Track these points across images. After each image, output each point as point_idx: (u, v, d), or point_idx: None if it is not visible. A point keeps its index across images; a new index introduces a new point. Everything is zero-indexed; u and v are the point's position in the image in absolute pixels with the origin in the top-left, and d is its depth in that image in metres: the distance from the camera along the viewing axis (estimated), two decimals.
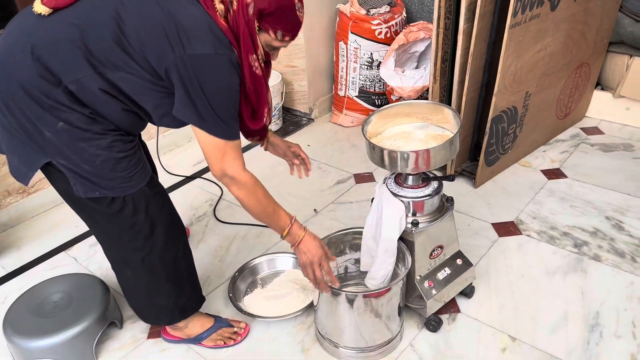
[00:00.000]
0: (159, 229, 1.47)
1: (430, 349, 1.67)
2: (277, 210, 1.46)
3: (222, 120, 1.27)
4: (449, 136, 1.55)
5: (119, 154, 1.32)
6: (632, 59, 2.74)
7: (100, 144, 1.29)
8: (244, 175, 1.36)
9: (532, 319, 1.75)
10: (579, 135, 2.89)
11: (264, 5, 1.22)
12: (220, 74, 1.23)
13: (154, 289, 1.58)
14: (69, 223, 2.44)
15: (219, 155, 1.32)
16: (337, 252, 1.81)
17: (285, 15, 1.27)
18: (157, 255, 1.50)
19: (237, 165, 1.34)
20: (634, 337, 1.66)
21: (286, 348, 1.71)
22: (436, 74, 2.38)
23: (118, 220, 1.42)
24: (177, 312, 1.65)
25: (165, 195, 1.52)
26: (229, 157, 1.33)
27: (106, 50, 1.20)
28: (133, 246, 1.48)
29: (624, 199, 2.32)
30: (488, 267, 1.99)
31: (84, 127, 1.26)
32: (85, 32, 1.19)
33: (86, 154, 1.28)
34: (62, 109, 1.23)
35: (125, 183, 1.36)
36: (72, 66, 1.20)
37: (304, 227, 1.50)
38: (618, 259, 1.98)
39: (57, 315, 1.68)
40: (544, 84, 2.48)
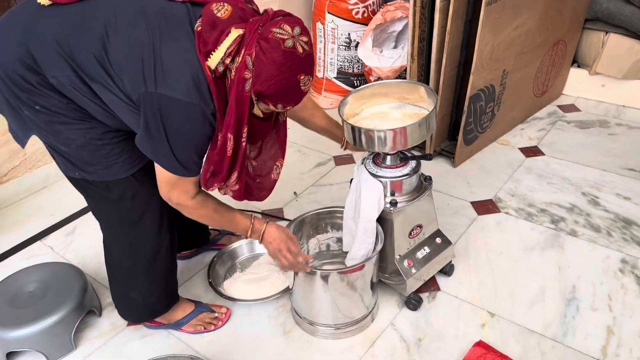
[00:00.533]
0: (147, 218, 1.45)
1: (410, 327, 1.69)
2: (233, 218, 1.43)
3: (179, 161, 1.22)
4: (425, 114, 1.54)
5: (98, 141, 1.29)
6: (607, 35, 2.76)
7: (78, 128, 1.26)
8: (190, 203, 1.33)
9: (511, 294, 1.78)
10: (556, 112, 2.92)
11: (262, 88, 1.13)
12: (187, 122, 1.17)
13: (130, 278, 1.56)
14: (44, 212, 2.40)
15: (168, 187, 1.29)
16: (318, 230, 1.82)
17: (287, 94, 1.17)
18: (142, 242, 1.49)
19: (185, 197, 1.31)
20: (610, 309, 1.70)
21: (267, 331, 1.71)
22: (414, 53, 2.37)
23: (107, 200, 1.41)
24: (145, 311, 1.64)
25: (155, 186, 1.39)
26: (177, 190, 1.29)
27: (88, 62, 1.16)
28: (121, 228, 1.47)
29: (599, 175, 2.35)
30: (467, 245, 2.00)
31: (62, 112, 1.24)
32: (73, 37, 1.16)
33: (62, 136, 1.27)
34: (40, 94, 1.21)
35: (104, 170, 1.34)
36: (53, 63, 1.17)
37: (265, 222, 1.48)
38: (594, 233, 2.01)
39: (34, 305, 1.65)
40: (521, 62, 2.48)
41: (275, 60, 1.09)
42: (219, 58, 1.11)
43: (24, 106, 1.23)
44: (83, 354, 1.69)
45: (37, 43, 1.17)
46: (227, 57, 1.11)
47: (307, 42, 1.13)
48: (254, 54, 1.09)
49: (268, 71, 1.10)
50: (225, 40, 1.10)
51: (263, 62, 1.09)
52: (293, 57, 1.10)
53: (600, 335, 1.61)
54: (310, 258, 1.54)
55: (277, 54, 1.09)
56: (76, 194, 2.42)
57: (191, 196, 1.32)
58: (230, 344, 1.68)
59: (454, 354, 1.59)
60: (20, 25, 1.19)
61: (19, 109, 1.24)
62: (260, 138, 1.37)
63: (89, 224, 2.30)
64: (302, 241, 1.81)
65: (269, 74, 1.10)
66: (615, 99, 2.94)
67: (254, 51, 1.09)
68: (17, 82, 1.19)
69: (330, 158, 2.65)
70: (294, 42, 1.10)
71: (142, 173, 1.40)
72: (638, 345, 1.57)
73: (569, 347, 1.58)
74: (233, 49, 1.10)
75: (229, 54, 1.11)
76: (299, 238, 1.78)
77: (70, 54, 1.16)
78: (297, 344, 1.66)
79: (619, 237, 1.99)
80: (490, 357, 1.53)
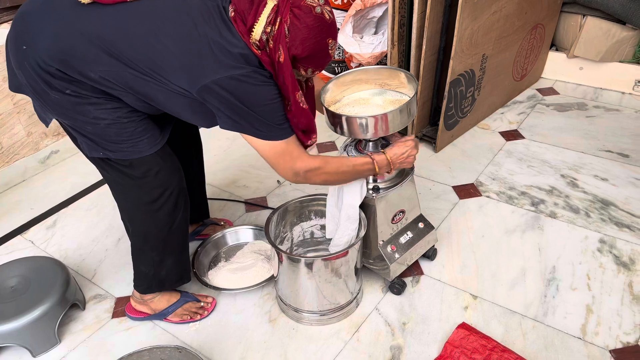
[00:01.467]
0: (165, 196, 1.48)
1: (395, 311, 1.71)
2: (353, 164, 1.48)
3: (276, 124, 1.30)
4: (406, 100, 1.54)
5: (125, 119, 1.33)
6: (585, 18, 2.79)
7: (106, 108, 1.30)
8: (314, 162, 1.39)
9: (493, 276, 1.81)
10: (535, 96, 2.95)
11: (297, 51, 1.22)
12: (256, 88, 1.24)
13: (139, 253, 1.60)
14: (24, 205, 2.36)
15: (287, 159, 1.35)
16: (302, 218, 1.82)
17: (318, 57, 1.27)
18: (155, 220, 1.51)
19: (304, 159, 1.37)
20: (588, 288, 1.74)
21: (253, 319, 1.72)
22: (394, 39, 2.37)
23: (127, 177, 1.43)
24: (154, 283, 1.65)
25: (177, 164, 1.51)
26: (294, 155, 1.36)
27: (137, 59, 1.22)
28: (138, 203, 1.49)
29: (578, 157, 2.39)
30: (449, 229, 2.03)
31: (91, 95, 1.28)
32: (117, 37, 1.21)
33: (91, 115, 1.30)
34: (73, 81, 1.25)
35: (130, 149, 1.37)
36: (96, 60, 1.22)
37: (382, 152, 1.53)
38: (573, 215, 2.05)
39: (16, 300, 1.63)
40: (500, 46, 2.49)
41: (308, 25, 1.20)
42: (262, 27, 1.20)
43: (53, 91, 1.26)
44: (68, 348, 1.68)
45: (78, 39, 1.20)
46: (268, 26, 1.20)
47: (330, 11, 1.25)
48: (289, 21, 1.19)
49: (303, 35, 1.20)
50: (264, 11, 1.20)
51: (297, 27, 1.19)
52: (323, 21, 1.21)
53: (580, 314, 1.65)
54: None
55: (310, 19, 1.19)
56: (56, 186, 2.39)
57: (308, 155, 1.39)
58: (217, 333, 1.68)
59: (438, 336, 1.61)
60: (57, 19, 1.22)
61: (45, 93, 1.27)
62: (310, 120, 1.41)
63: (70, 217, 2.28)
64: (286, 229, 1.81)
65: (303, 37, 1.20)
66: (592, 81, 2.98)
67: (288, 18, 1.19)
68: (50, 71, 1.23)
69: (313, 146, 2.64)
70: (322, 9, 1.21)
71: (164, 150, 1.45)
72: (617, 323, 1.61)
73: (549, 327, 1.61)
74: (272, 17, 1.19)
75: (269, 23, 1.19)
76: (282, 226, 1.78)
77: (115, 54, 1.21)
78: (283, 331, 1.67)
79: (597, 217, 2.03)
80: (473, 339, 1.56)
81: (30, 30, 1.23)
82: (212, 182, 2.40)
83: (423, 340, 1.60)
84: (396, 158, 1.53)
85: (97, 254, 2.05)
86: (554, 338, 1.58)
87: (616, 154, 2.40)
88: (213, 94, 1.22)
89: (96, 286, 1.90)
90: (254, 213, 2.21)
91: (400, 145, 1.54)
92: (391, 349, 1.58)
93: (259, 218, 2.17)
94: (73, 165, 2.64)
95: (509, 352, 1.51)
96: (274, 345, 1.63)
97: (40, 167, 2.62)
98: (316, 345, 1.61)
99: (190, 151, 1.82)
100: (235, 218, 2.18)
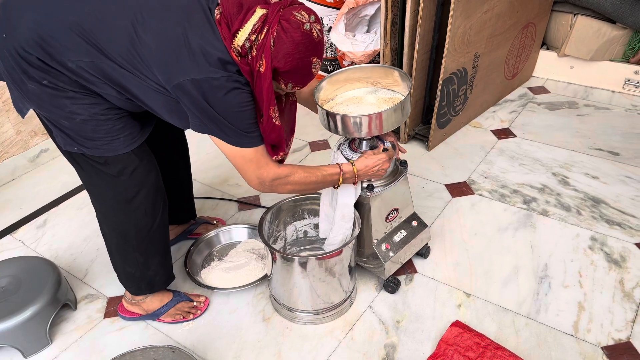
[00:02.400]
0: (141, 195, 1.45)
1: (389, 309, 1.71)
2: (323, 174, 1.47)
3: (243, 130, 1.28)
4: (399, 99, 1.54)
5: (102, 116, 1.31)
6: (575, 17, 2.80)
7: (83, 103, 1.28)
8: (281, 171, 1.38)
9: (486, 274, 1.81)
10: (527, 94, 2.96)
11: (280, 64, 1.20)
12: (227, 94, 1.22)
13: (123, 253, 1.58)
14: (13, 205, 2.34)
15: (254, 167, 1.34)
16: (295, 217, 1.82)
17: (300, 74, 1.25)
18: (135, 220, 1.49)
19: (274, 169, 1.37)
20: (580, 286, 1.75)
21: (247, 318, 1.71)
22: (387, 37, 2.36)
23: (103, 176, 1.41)
24: (144, 285, 1.64)
25: (153, 163, 1.48)
26: (262, 165, 1.34)
27: (114, 54, 1.20)
28: (114, 205, 1.47)
29: (569, 155, 2.41)
30: (442, 227, 2.03)
31: (69, 87, 1.25)
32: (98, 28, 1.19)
33: (67, 110, 1.28)
34: (50, 71, 1.22)
35: (105, 146, 1.35)
36: (75, 48, 1.19)
37: (350, 163, 1.51)
38: (564, 212, 2.07)
39: (7, 300, 1.61)
40: (492, 45, 2.50)
41: (294, 39, 1.18)
42: (246, 34, 1.17)
43: (30, 80, 1.23)
44: (59, 348, 1.66)
45: (58, 27, 1.18)
46: (253, 34, 1.18)
47: (320, 30, 1.23)
48: (276, 32, 1.17)
49: (287, 48, 1.18)
50: (252, 18, 1.18)
51: (284, 40, 1.18)
52: (310, 39, 1.20)
53: (572, 311, 1.66)
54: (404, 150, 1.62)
55: (297, 34, 1.18)
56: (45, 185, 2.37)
57: (276, 166, 1.37)
58: (210, 333, 1.67)
59: (431, 334, 1.62)
60: (38, 7, 1.20)
61: (22, 82, 1.25)
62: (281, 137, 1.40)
63: (60, 216, 2.25)
64: (280, 228, 1.80)
65: (287, 51, 1.18)
66: (583, 80, 3.00)
67: (275, 29, 1.17)
68: (28, 59, 1.20)
69: (306, 144, 2.64)
70: (311, 27, 1.20)
71: (141, 150, 1.42)
72: (608, 320, 1.62)
73: (542, 324, 1.62)
74: (258, 26, 1.17)
75: (255, 31, 1.17)
76: (276, 225, 1.78)
77: (95, 43, 1.19)
78: (277, 330, 1.67)
79: (588, 215, 2.04)
80: (467, 336, 1.57)
81: (10, 18, 1.21)
82: (204, 181, 2.39)
83: (417, 339, 1.61)
84: (365, 170, 1.51)
85: (88, 253, 2.03)
86: (547, 335, 1.59)
87: (606, 152, 2.41)
88: (186, 93, 1.20)
89: (88, 286, 1.89)
90: (246, 212, 2.20)
91: (372, 158, 1.52)
92: (385, 347, 1.59)
93: (252, 217, 2.17)
94: (63, 164, 2.60)
95: (503, 350, 1.52)
96: (268, 345, 1.62)
97: (29, 166, 2.59)
98: (310, 344, 1.61)
99: (176, 151, 1.80)
100: (227, 217, 2.17)
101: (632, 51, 2.81)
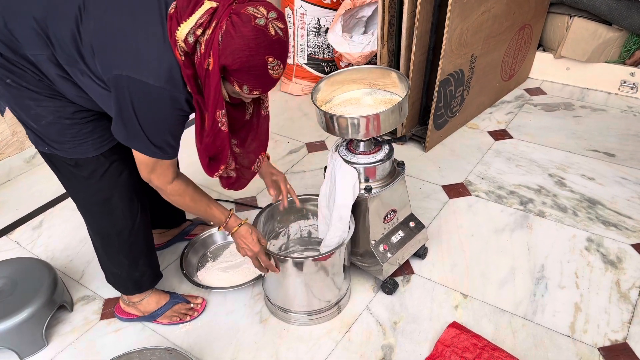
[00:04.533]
0: (115, 197, 1.44)
1: (386, 310, 1.71)
2: (210, 209, 1.44)
3: (154, 143, 1.22)
4: (397, 100, 1.55)
5: (67, 120, 1.28)
6: (571, 19, 2.81)
7: (48, 106, 1.25)
8: (170, 188, 1.34)
9: (482, 275, 1.82)
10: (523, 96, 2.97)
11: (227, 61, 1.09)
12: (156, 105, 1.16)
13: (107, 255, 1.57)
14: (9, 206, 2.33)
15: (147, 170, 1.29)
16: (300, 215, 1.82)
17: (253, 74, 1.12)
18: (114, 222, 1.48)
19: (164, 181, 1.32)
20: (577, 287, 1.75)
21: (244, 319, 1.71)
22: (384, 38, 2.37)
23: (76, 178, 1.40)
24: (131, 285, 1.63)
25: (125, 164, 1.43)
26: (156, 173, 1.29)
27: (63, 43, 1.15)
28: (91, 207, 1.46)
29: (565, 157, 2.42)
30: (440, 228, 2.03)
31: (33, 88, 1.23)
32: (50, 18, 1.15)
33: (32, 112, 1.26)
34: (14, 69, 1.20)
35: (73, 149, 1.33)
36: (33, 42, 1.16)
37: (239, 222, 1.48)
38: (561, 214, 2.07)
39: (2, 302, 1.61)
40: (489, 47, 2.51)
41: (243, 34, 1.06)
42: (189, 27, 1.08)
43: None
44: (55, 350, 1.65)
45: (16, 20, 1.16)
46: (198, 28, 1.08)
47: (282, 29, 1.11)
48: (225, 27, 1.07)
49: (235, 44, 1.07)
50: (198, 11, 1.08)
51: (232, 35, 1.07)
52: (263, 35, 1.08)
53: (568, 312, 1.67)
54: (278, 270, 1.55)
55: (247, 29, 1.06)
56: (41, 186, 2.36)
57: (169, 181, 1.32)
58: (207, 334, 1.67)
59: (429, 335, 1.62)
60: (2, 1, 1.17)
61: None
62: (237, 128, 1.35)
63: (57, 217, 2.24)
64: (282, 225, 1.81)
65: (235, 47, 1.07)
66: (579, 81, 3.01)
67: (225, 24, 1.07)
68: None
69: (302, 145, 2.64)
70: (267, 23, 1.08)
71: (112, 152, 1.40)
72: (605, 321, 1.63)
73: (539, 325, 1.63)
74: (205, 19, 1.08)
75: (200, 25, 1.08)
76: (277, 222, 1.77)
77: (47, 34, 1.15)
78: (274, 332, 1.66)
79: (584, 216, 2.05)
80: (464, 337, 1.57)
81: None
82: (200, 182, 2.38)
83: (414, 340, 1.61)
84: (238, 239, 1.49)
85: (84, 254, 2.03)
86: (543, 336, 1.59)
87: (602, 153, 2.42)
88: (118, 88, 1.13)
89: (84, 287, 1.88)
90: (243, 213, 2.20)
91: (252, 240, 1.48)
92: (382, 349, 1.59)
93: (249, 218, 2.16)
94: None
95: (500, 351, 1.52)
96: (265, 346, 1.62)
97: (25, 167, 2.58)
98: (307, 345, 1.61)
99: None
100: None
101: (627, 53, 2.83)
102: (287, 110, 2.94)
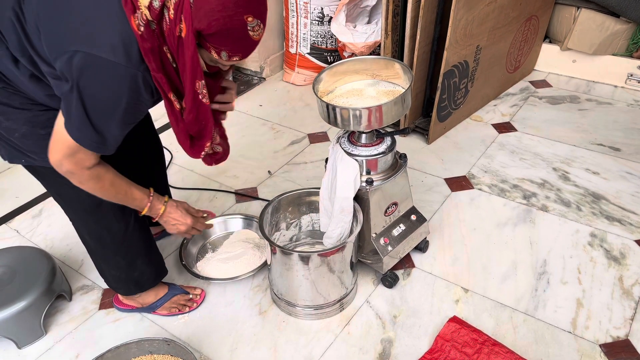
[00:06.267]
0: (106, 202, 1.38)
1: (386, 304, 1.70)
2: (130, 191, 1.33)
3: (97, 130, 1.08)
4: (400, 92, 1.52)
5: (41, 130, 1.21)
6: (579, 10, 2.77)
7: (19, 118, 1.19)
8: (87, 172, 1.18)
9: (484, 270, 1.80)
10: (528, 88, 2.94)
11: (202, 25, 0.97)
12: (109, 84, 1.03)
13: (104, 258, 1.55)
14: (9, 194, 2.32)
15: (62, 153, 1.13)
16: (312, 209, 1.81)
17: (232, 37, 1.00)
18: (106, 225, 1.45)
19: (82, 166, 1.16)
20: (579, 282, 1.74)
21: (243, 311, 1.70)
22: (387, 28, 2.33)
23: (62, 185, 1.33)
24: (132, 285, 1.61)
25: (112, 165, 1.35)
26: (74, 159, 1.14)
27: (8, 28, 1.08)
28: (82, 212, 1.43)
29: (570, 150, 2.39)
30: (441, 222, 2.02)
31: (0, 99, 1.17)
32: None
33: (3, 125, 1.20)
34: None
35: None
36: None
37: (163, 201, 1.43)
38: (564, 208, 2.05)
39: (1, 290, 1.60)
40: (494, 38, 2.47)
41: None
42: None
43: None
44: (54, 339, 1.65)
45: None
46: None
47: None
48: None
49: (209, 5, 0.95)
50: None
51: None
52: None
53: (570, 307, 1.65)
54: None
55: None
56: None
57: (88, 165, 1.17)
58: (206, 326, 1.66)
59: (429, 329, 1.61)
60: None
61: None
62: (212, 98, 1.22)
63: (56, 205, 2.23)
64: (294, 215, 1.80)
65: (209, 7, 0.95)
66: (585, 74, 2.97)
67: None
68: None
69: (304, 136, 2.62)
70: None
71: None
72: (607, 317, 1.61)
73: (540, 320, 1.61)
74: None
75: None
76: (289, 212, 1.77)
77: None
78: (273, 324, 1.65)
79: (588, 211, 2.03)
80: (464, 332, 1.56)
81: None
82: (201, 172, 2.37)
83: (414, 334, 1.60)
84: (167, 218, 1.43)
85: None
86: (545, 332, 1.58)
87: (608, 147, 2.40)
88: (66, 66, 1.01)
89: (83, 277, 1.87)
90: (244, 204, 2.18)
91: (180, 212, 1.44)
92: (382, 342, 1.58)
93: (250, 209, 2.15)
94: None
95: (500, 346, 1.51)
96: (264, 338, 1.61)
97: None
98: (306, 338, 1.60)
99: (150, 154, 1.73)
100: (225, 209, 2.15)
101: (635, 45, 2.79)
102: (289, 101, 2.91)
